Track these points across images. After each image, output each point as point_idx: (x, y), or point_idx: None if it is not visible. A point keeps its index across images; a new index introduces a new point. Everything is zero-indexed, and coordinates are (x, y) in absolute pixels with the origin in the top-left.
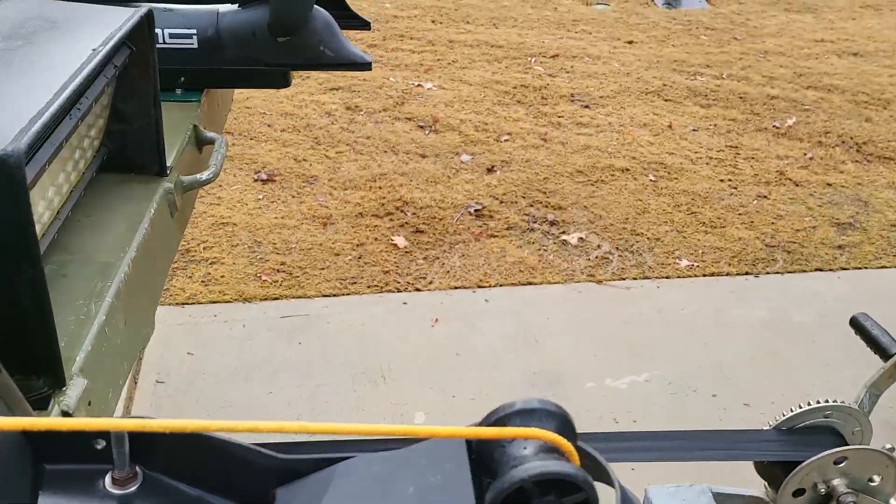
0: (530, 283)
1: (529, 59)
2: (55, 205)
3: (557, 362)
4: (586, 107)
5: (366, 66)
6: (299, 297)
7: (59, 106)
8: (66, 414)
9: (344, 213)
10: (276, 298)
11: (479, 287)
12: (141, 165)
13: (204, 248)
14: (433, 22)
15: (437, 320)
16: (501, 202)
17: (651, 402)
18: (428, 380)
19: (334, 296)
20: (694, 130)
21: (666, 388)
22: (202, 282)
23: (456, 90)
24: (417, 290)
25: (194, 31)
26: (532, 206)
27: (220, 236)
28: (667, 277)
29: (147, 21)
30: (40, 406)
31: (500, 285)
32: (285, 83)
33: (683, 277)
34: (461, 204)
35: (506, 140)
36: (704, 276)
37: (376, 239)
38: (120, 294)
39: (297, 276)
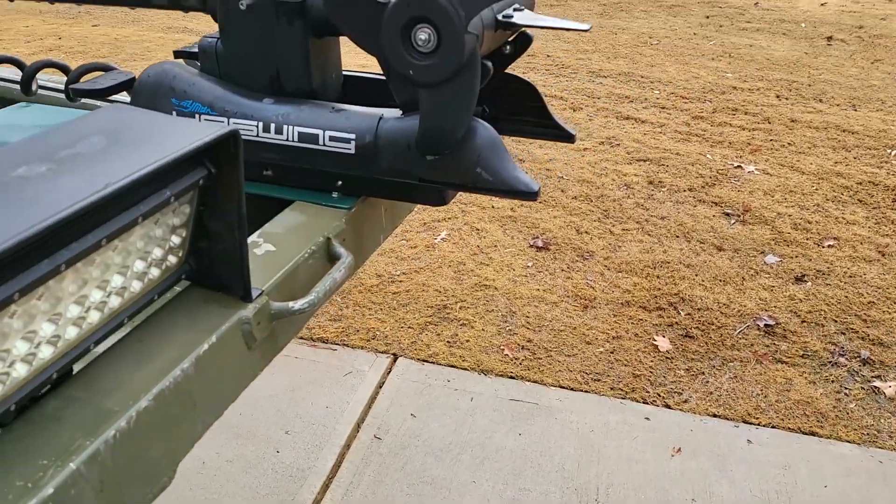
0: (814, 434)
1: (888, 150)
2: (84, 322)
3: None
4: None
5: (530, 195)
6: (535, 381)
7: (35, 233)
8: None
9: (609, 299)
10: (511, 377)
11: (745, 422)
12: (227, 286)
13: (460, 308)
14: (777, 97)
15: (679, 450)
16: (803, 321)
17: None
18: None
19: (571, 389)
20: None
21: None
22: (448, 342)
23: (782, 177)
24: (667, 406)
25: (353, 136)
26: (843, 333)
27: (479, 298)
28: None
29: (232, 141)
30: None
31: (773, 426)
32: (441, 201)
33: None
34: (750, 314)
35: (830, 246)
36: None
37: (636, 335)
38: (98, 457)
39: (540, 358)
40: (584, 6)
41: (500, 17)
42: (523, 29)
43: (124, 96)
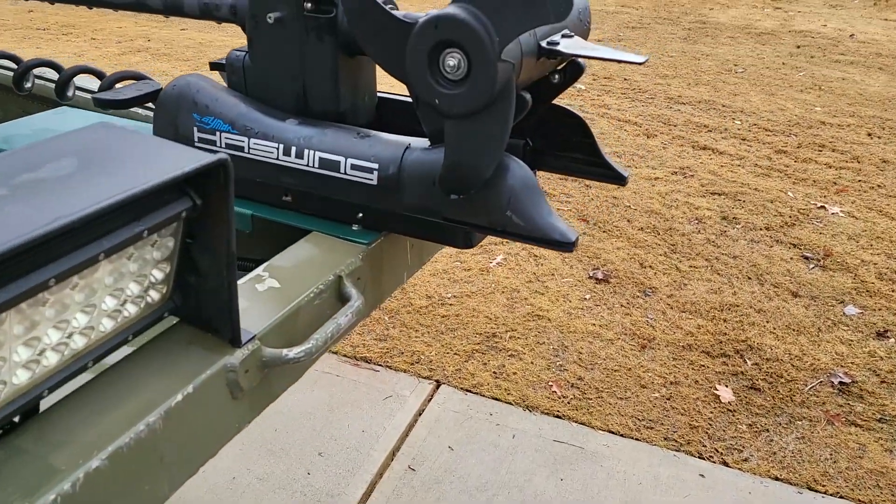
0: None
1: None
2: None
3: None
4: None
5: (566, 246)
6: (582, 423)
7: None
8: None
9: (670, 340)
10: (557, 416)
11: (810, 488)
12: (214, 328)
13: (510, 337)
14: (868, 135)
15: None
16: (883, 382)
17: None
18: None
19: (621, 435)
20: None
21: None
22: (493, 373)
23: (870, 222)
24: (724, 463)
25: (376, 165)
26: None
27: (530, 329)
28: None
29: (221, 171)
30: None
31: (841, 496)
32: (466, 244)
33: None
34: (824, 369)
35: None
36: None
37: (697, 382)
38: None
39: (590, 398)
40: (668, 30)
41: (543, 43)
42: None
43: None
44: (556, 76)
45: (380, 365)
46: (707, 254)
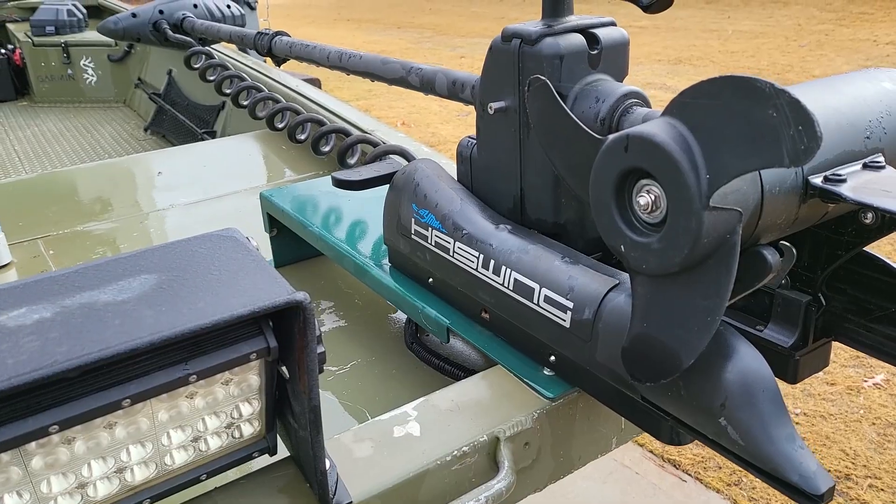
0: None
1: None
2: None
3: None
4: None
5: (808, 497)
6: None
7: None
8: None
9: None
10: None
11: None
12: (309, 481)
13: (868, 485)
14: None
15: None
16: None
17: None
18: None
19: None
20: None
21: None
22: None
23: None
24: None
25: (571, 304)
26: None
27: None
28: None
29: (300, 313)
30: None
31: None
32: (673, 440)
33: None
34: None
35: None
36: None
37: None
38: None
39: None
40: None
41: (817, 180)
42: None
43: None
44: (870, 216)
45: (689, 475)
46: None
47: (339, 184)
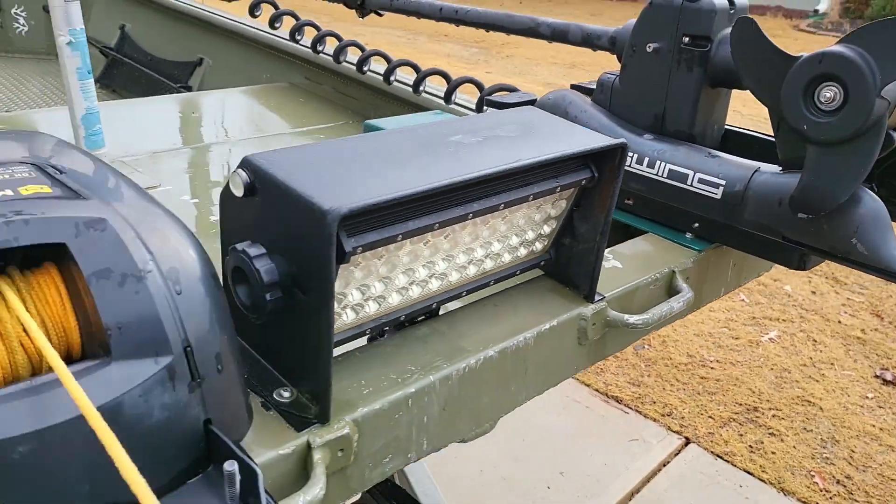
0: None
1: None
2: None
3: None
4: None
5: None
6: None
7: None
8: (308, 447)
9: None
10: None
11: None
12: (575, 284)
13: (772, 416)
14: None
15: None
16: None
17: None
18: None
19: None
20: None
21: None
22: (750, 446)
23: None
24: None
25: (724, 182)
26: None
27: (797, 413)
28: None
29: (619, 152)
30: (296, 427)
31: None
32: (800, 266)
33: None
34: None
35: None
36: None
37: None
38: (449, 380)
39: (857, 500)
40: None
41: None
42: None
43: None
44: None
45: (630, 408)
46: None
47: (494, 105)
